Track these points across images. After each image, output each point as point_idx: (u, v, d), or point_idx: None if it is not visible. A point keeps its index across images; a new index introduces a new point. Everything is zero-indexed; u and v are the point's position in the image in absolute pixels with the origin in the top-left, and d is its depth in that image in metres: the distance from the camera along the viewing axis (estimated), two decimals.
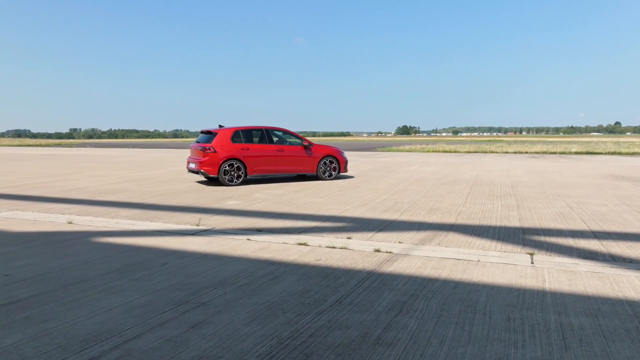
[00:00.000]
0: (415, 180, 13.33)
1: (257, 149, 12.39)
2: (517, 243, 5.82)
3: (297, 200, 9.44)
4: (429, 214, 7.87)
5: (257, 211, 8.21)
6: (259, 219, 7.45)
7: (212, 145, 11.92)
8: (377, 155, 29.06)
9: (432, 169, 17.21)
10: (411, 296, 3.90)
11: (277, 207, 8.60)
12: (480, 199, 9.57)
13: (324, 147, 13.54)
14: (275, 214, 7.96)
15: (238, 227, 6.82)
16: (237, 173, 12.10)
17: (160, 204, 9.07)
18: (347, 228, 6.77)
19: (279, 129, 13.29)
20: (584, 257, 5.16)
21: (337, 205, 8.84)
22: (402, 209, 8.32)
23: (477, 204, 8.92)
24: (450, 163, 20.91)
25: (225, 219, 7.45)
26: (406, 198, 9.68)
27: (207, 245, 5.72)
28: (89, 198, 9.88)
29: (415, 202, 9.17)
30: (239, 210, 8.28)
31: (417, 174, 15.37)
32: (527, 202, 9.07)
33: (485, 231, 6.51)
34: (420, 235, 6.25)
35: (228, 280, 4.34)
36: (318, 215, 7.77)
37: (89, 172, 16.71)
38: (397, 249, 5.55)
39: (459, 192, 10.55)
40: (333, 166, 13.45)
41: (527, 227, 6.76)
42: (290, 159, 12.81)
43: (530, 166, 18.91)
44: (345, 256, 5.21)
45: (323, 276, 4.47)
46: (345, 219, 7.48)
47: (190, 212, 8.07)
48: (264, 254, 5.32)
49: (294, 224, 7.05)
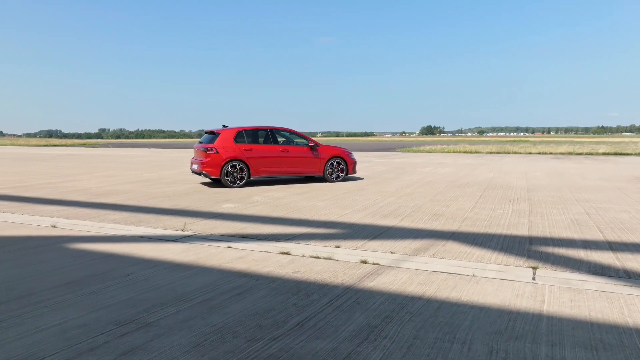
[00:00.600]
0: (427, 182, 12.76)
1: (261, 149, 12.03)
2: (520, 255, 5.27)
3: (296, 204, 9.03)
4: (432, 220, 7.35)
5: (251, 215, 7.83)
6: (250, 224, 7.06)
7: (214, 145, 11.60)
8: (395, 156, 28.44)
9: (448, 171, 16.57)
10: (385, 319, 3.44)
11: (273, 211, 8.20)
12: (490, 203, 8.99)
13: (331, 148, 13.09)
14: (268, 218, 7.56)
15: (224, 233, 6.44)
16: (240, 174, 11.76)
17: (154, 206, 8.78)
18: (339, 235, 6.32)
19: (285, 129, 12.90)
20: (594, 273, 4.60)
21: (336, 209, 8.40)
22: (404, 214, 7.82)
23: (486, 209, 8.35)
24: (468, 164, 20.20)
25: (214, 224, 7.09)
26: (411, 202, 9.16)
27: (182, 254, 5.35)
28: (86, 200, 9.66)
29: (420, 206, 8.65)
30: (232, 214, 7.92)
31: (431, 175, 14.79)
32: (541, 208, 8.45)
33: (489, 240, 5.97)
34: (416, 245, 5.76)
35: (188, 295, 3.95)
36: (312, 221, 7.34)
37: (101, 172, 16.65)
38: (386, 260, 5.08)
39: (470, 196, 9.97)
40: (340, 167, 12.99)
41: (536, 236, 6.19)
42: (296, 160, 12.41)
43: (552, 168, 18.07)
44: (326, 268, 4.77)
45: (294, 292, 4.04)
46: (341, 224, 7.03)
47: (181, 216, 7.74)
48: (239, 264, 4.92)
49: (284, 230, 6.64)
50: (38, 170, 17.73)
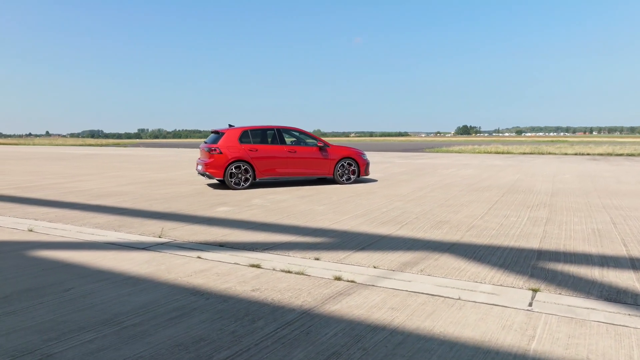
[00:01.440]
0: (444, 185, 11.99)
1: (267, 150, 11.54)
2: (523, 272, 4.56)
3: (294, 208, 8.48)
4: (434, 228, 6.67)
5: (241, 220, 7.33)
6: (235, 230, 6.56)
7: (217, 146, 11.19)
8: (419, 157, 27.53)
9: (470, 172, 15.68)
10: (330, 356, 2.84)
11: (266, 216, 7.68)
12: (505, 209, 8.20)
13: (342, 148, 12.47)
14: (257, 224, 7.04)
15: (201, 241, 5.96)
16: (245, 176, 11.30)
17: (146, 209, 8.40)
18: (324, 244, 5.73)
19: (293, 129, 12.37)
20: (606, 298, 3.86)
21: (335, 214, 7.80)
22: (405, 221, 7.16)
23: (498, 216, 7.58)
24: (494, 166, 19.18)
25: (197, 229, 6.62)
26: (418, 207, 8.47)
27: (143, 265, 4.88)
28: (83, 201, 9.40)
29: (427, 212, 7.96)
30: (221, 219, 7.44)
31: (450, 177, 13.97)
32: (561, 215, 7.62)
33: (491, 254, 5.27)
34: (406, 258, 5.12)
35: (120, 317, 3.45)
36: (303, 227, 6.78)
37: (112, 172, 16.56)
38: (364, 277, 4.46)
39: (485, 201, 9.19)
40: (352, 169, 12.36)
41: (547, 250, 5.43)
42: (303, 161, 11.86)
43: (584, 170, 16.89)
44: (292, 285, 4.20)
45: (241, 316, 3.49)
46: (332, 232, 6.44)
47: (168, 220, 7.31)
48: (197, 278, 4.41)
49: (268, 238, 6.11)
50: (54, 169, 17.82)
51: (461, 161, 22.61)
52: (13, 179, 13.89)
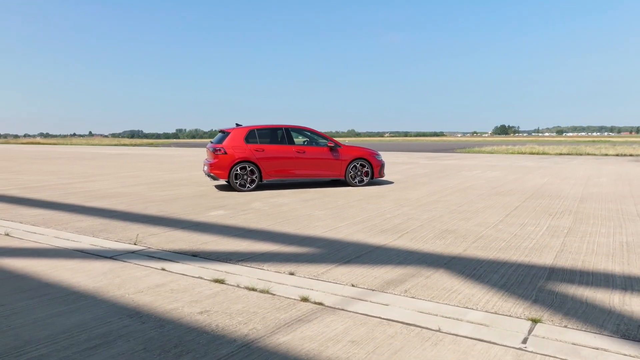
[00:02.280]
0: (463, 188, 11.17)
1: (274, 150, 11.02)
2: (526, 296, 3.85)
3: (292, 213, 7.92)
4: (437, 238, 5.98)
5: (230, 226, 6.83)
6: (217, 238, 6.05)
7: (222, 146, 10.75)
8: (447, 158, 26.49)
9: (495, 175, 14.74)
10: None
11: (259, 222, 7.15)
12: (524, 217, 7.39)
13: (354, 149, 11.82)
14: (245, 230, 6.52)
15: (175, 249, 5.47)
16: (251, 177, 10.82)
17: (138, 212, 8.02)
18: (306, 256, 5.14)
19: (303, 128, 11.81)
20: (623, 335, 3.12)
21: (333, 220, 7.20)
22: (407, 230, 6.48)
23: (514, 224, 6.80)
24: (524, 167, 18.08)
25: (178, 236, 6.15)
26: (427, 213, 7.76)
27: (97, 277, 4.42)
28: (79, 203, 9.12)
29: (434, 219, 7.24)
30: (209, 224, 6.96)
31: (472, 180, 13.10)
32: (587, 225, 6.77)
33: (493, 271, 4.55)
34: (393, 274, 4.47)
35: (27, 346, 2.97)
36: (292, 235, 6.21)
37: (129, 172, 16.44)
38: (336, 298, 3.85)
39: (503, 207, 8.38)
40: (365, 170, 11.69)
41: (561, 267, 4.67)
42: (313, 161, 11.28)
43: (624, 172, 15.64)
44: (249, 307, 3.64)
45: (169, 347, 2.95)
46: (321, 241, 5.85)
47: (154, 225, 6.89)
48: (146, 296, 3.90)
49: (249, 247, 5.57)
50: (74, 169, 17.88)
51: (490, 162, 21.53)
52: (27, 179, 13.89)
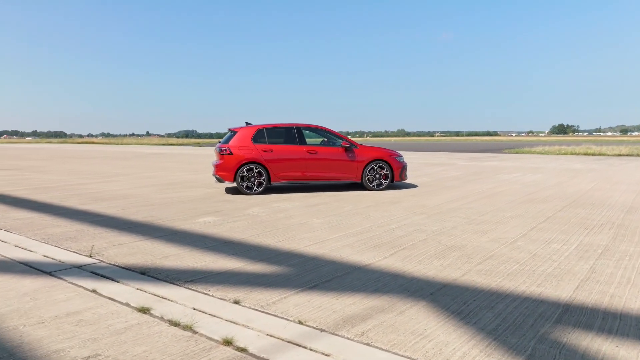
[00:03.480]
0: (493, 194, 9.99)
1: (283, 150, 10.26)
2: (518, 350, 2.87)
3: (286, 221, 7.13)
4: (436, 257, 5.01)
5: (208, 235, 6.13)
6: (182, 251, 5.35)
7: (228, 146, 10.11)
8: (491, 158, 24.86)
9: (535, 178, 13.33)
10: None
11: (243, 231, 6.41)
12: (552, 231, 6.25)
13: (372, 149, 10.86)
14: (221, 242, 5.79)
15: (128, 264, 4.81)
16: (258, 179, 10.12)
17: (124, 217, 7.49)
18: (266, 278, 4.34)
19: (316, 127, 10.98)
20: None
21: (326, 231, 6.35)
22: (405, 245, 5.54)
23: (537, 240, 5.70)
24: (571, 170, 16.42)
25: (143, 247, 5.51)
26: (438, 224, 6.75)
27: (11, 300, 3.82)
28: (73, 206, 8.73)
29: (443, 231, 6.25)
30: (188, 233, 6.29)
31: (507, 184, 11.82)
32: (629, 244, 5.57)
33: (488, 307, 3.58)
34: (359, 307, 3.59)
35: None
36: (269, 249, 5.42)
37: (150, 172, 16.20)
38: (269, 341, 3.03)
39: (532, 217, 7.22)
40: (384, 173, 10.72)
41: (580, 304, 3.63)
42: (326, 163, 10.43)
43: None
44: (151, 351, 2.88)
45: None
46: (297, 257, 5.02)
47: (129, 233, 6.31)
48: (39, 330, 3.23)
49: (211, 264, 4.83)
50: (98, 169, 17.89)
51: (535, 164, 19.86)
52: (47, 178, 13.84)
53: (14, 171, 16.94)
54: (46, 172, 16.27)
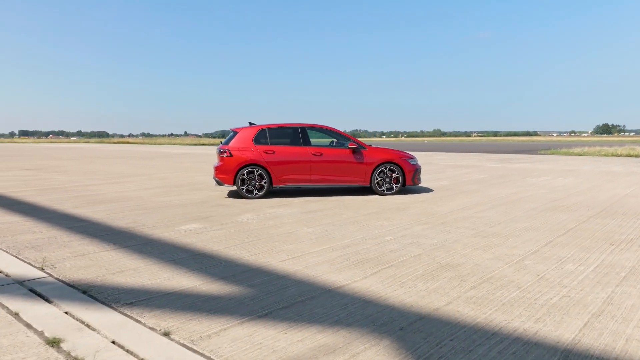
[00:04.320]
0: (513, 200, 9.12)
1: (285, 152, 9.68)
2: None
3: (272, 230, 6.55)
4: (423, 278, 4.32)
5: (181, 246, 5.62)
6: (144, 264, 4.85)
7: (228, 147, 9.61)
8: (523, 160, 23.59)
9: (566, 182, 12.27)
10: None
11: (221, 241, 5.88)
12: (570, 247, 5.43)
13: (382, 151, 10.15)
14: (191, 254, 5.26)
15: (74, 280, 4.33)
16: (259, 183, 9.58)
17: (107, 223, 7.09)
18: (217, 301, 3.76)
19: (322, 127, 10.34)
20: None
21: (309, 243, 5.74)
22: (393, 262, 4.86)
23: (549, 259, 4.91)
24: (608, 173, 15.17)
25: (105, 259, 5.04)
26: (439, 236, 6.03)
27: None
28: (64, 209, 8.43)
29: (442, 246, 5.52)
30: (162, 242, 5.80)
31: (532, 189, 10.87)
32: None
33: (465, 350, 2.88)
34: (305, 346, 2.97)
35: None
36: (237, 264, 4.85)
37: (164, 173, 15.95)
38: None
39: (549, 230, 6.39)
40: (395, 177, 9.99)
41: (584, 351, 2.88)
42: (331, 165, 9.79)
43: None
44: None
45: None
46: (263, 275, 4.43)
47: (102, 241, 5.89)
48: None
49: (165, 282, 4.30)
50: (115, 169, 17.82)
51: (569, 166, 18.59)
52: (59, 179, 13.75)
53: (33, 171, 17.05)
54: (64, 173, 16.27)
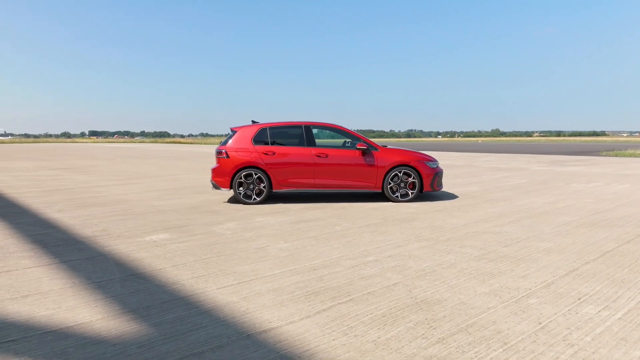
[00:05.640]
0: (545, 211, 7.76)
1: (287, 153, 8.77)
2: None
3: (243, 245, 5.67)
4: (380, 321, 3.28)
5: (124, 263, 4.86)
6: (58, 287, 4.12)
7: (225, 147, 8.83)
8: (574, 163, 21.47)
9: (618, 190, 10.61)
10: None
11: (174, 258, 5.07)
12: (599, 279, 4.18)
13: (396, 153, 9.00)
14: (128, 274, 4.49)
15: None
16: (258, 187, 8.73)
17: (73, 231, 6.50)
18: (88, 350, 2.91)
19: (329, 125, 9.32)
20: None
21: (271, 264, 4.81)
22: (357, 293, 3.85)
23: (566, 296, 3.71)
24: None
25: (25, 278, 4.36)
26: (435, 258, 4.92)
27: None
28: (46, 214, 7.95)
29: (431, 272, 4.43)
30: (109, 256, 5.07)
31: (574, 197, 9.37)
32: None
33: None
34: None
35: None
36: (167, 291, 4.01)
37: (183, 174, 15.50)
38: None
39: (578, 253, 5.11)
40: (410, 181, 8.84)
41: None
42: (337, 168, 8.78)
43: None
44: None
45: None
46: (182, 308, 3.56)
47: (44, 254, 5.22)
48: None
49: (54, 316, 3.53)
50: (142, 169, 17.62)
51: (631, 170, 16.52)
52: (73, 179, 13.56)
53: (59, 171, 17.11)
54: (87, 173, 16.16)
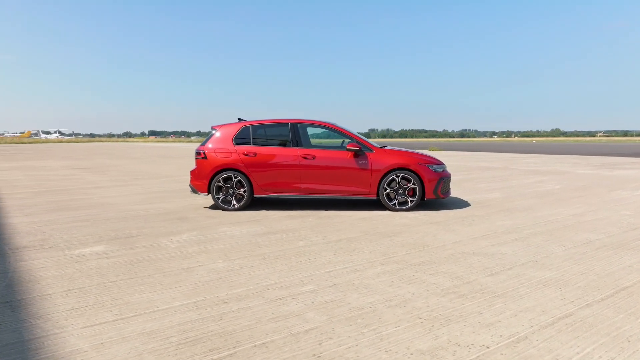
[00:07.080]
0: (566, 226, 6.43)
1: (269, 154, 7.83)
2: None
3: (176, 262, 4.81)
4: None
5: (19, 284, 4.09)
6: None
7: (203, 148, 8.02)
8: (628, 166, 19.26)
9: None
10: None
11: (73, 280, 4.29)
12: (598, 332, 2.98)
13: (394, 154, 7.84)
14: (5, 303, 3.70)
15: None
16: (238, 192, 7.85)
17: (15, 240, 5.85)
18: None
19: (319, 123, 8.27)
20: None
21: (174, 295, 3.91)
22: (245, 344, 2.88)
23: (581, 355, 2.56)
24: None
25: None
26: (389, 290, 3.85)
27: None
28: (14, 218, 7.42)
29: (362, 315, 3.37)
30: (9, 274, 4.32)
31: (608, 209, 7.88)
32: None
33: None
34: None
35: None
36: (10, 331, 3.17)
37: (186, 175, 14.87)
38: None
39: (584, 288, 3.88)
40: (410, 187, 7.68)
41: None
42: (326, 172, 7.75)
43: None
44: None
45: None
46: None
47: None
48: None
49: None
50: (157, 169, 17.30)
51: None
52: (84, 179, 13.30)
53: (75, 170, 17.04)
54: (101, 173, 15.92)
